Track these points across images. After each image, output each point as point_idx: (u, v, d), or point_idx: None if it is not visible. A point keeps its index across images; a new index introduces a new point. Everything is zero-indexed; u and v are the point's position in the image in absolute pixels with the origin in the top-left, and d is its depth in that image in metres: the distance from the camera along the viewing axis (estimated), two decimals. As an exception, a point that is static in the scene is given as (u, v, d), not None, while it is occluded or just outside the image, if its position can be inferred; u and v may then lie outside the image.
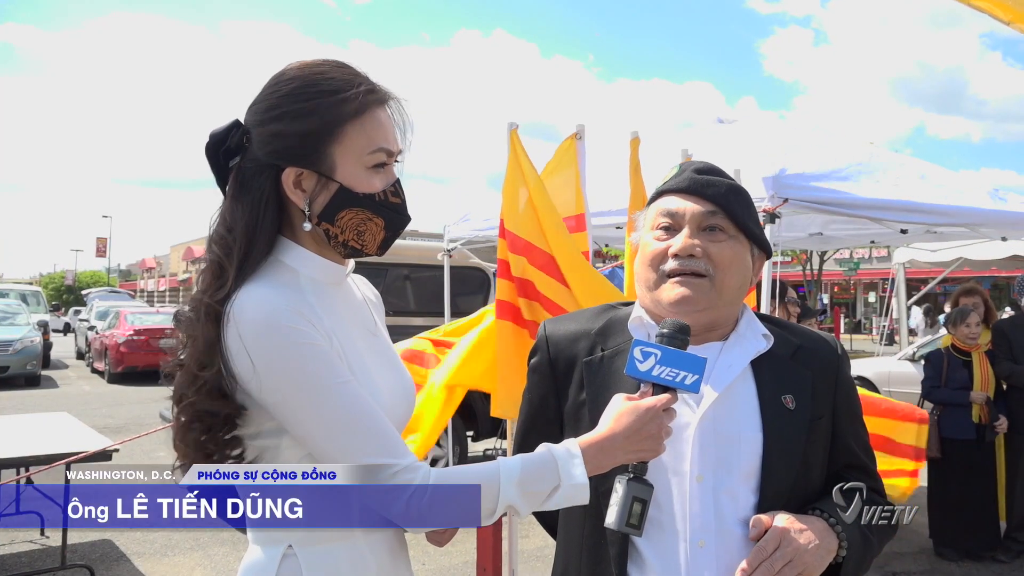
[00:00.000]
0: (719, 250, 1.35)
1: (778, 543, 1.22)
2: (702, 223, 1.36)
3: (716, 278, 1.34)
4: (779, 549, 1.22)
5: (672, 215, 1.37)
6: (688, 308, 1.32)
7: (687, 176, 1.39)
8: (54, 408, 9.61)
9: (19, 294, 22.28)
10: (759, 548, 1.23)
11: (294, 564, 1.20)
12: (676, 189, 1.39)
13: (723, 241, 1.36)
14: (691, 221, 1.36)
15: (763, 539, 1.23)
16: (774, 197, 3.86)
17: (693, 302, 1.33)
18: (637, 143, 3.63)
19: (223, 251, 1.21)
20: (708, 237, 1.35)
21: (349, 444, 1.14)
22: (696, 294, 1.33)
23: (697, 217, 1.36)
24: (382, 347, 1.38)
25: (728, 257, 1.35)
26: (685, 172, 1.41)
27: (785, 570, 1.21)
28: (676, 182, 1.40)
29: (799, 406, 1.35)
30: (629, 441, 1.19)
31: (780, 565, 1.21)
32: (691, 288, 1.33)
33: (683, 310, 1.32)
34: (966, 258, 7.03)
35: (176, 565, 5.00)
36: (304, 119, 1.20)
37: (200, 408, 1.17)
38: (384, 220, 1.27)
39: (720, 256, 1.34)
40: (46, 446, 4.29)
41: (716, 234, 1.36)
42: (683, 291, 1.33)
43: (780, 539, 1.23)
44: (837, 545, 1.27)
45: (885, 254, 20.66)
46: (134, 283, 72.44)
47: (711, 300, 1.34)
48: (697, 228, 1.36)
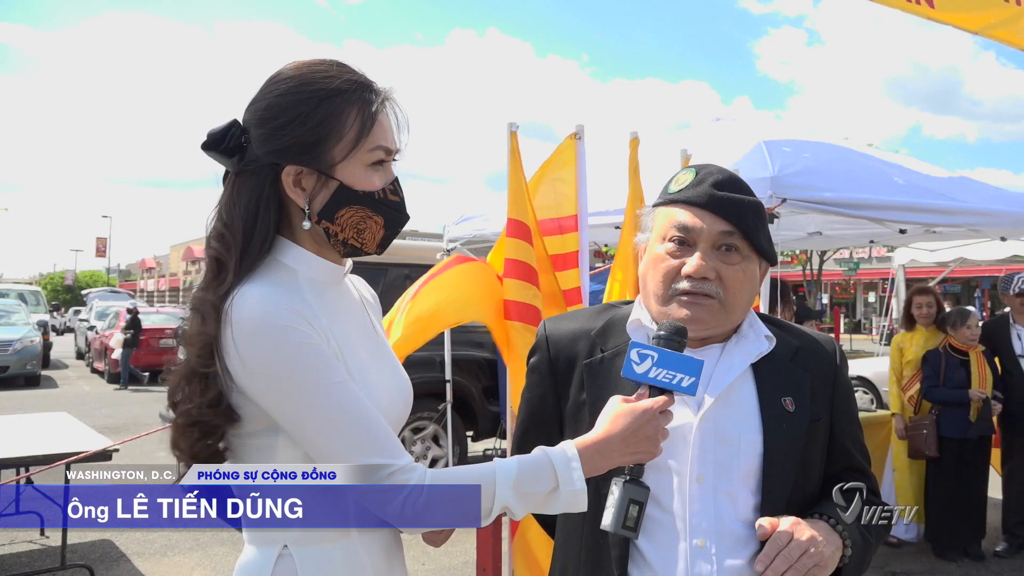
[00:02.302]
0: (732, 273, 1.33)
1: (791, 535, 1.23)
2: (717, 242, 1.34)
3: (726, 300, 1.33)
4: (794, 539, 1.23)
5: (687, 230, 1.34)
6: (696, 327, 1.32)
7: (706, 190, 1.34)
8: (54, 408, 9.59)
9: (19, 294, 22.28)
10: (773, 540, 1.23)
11: (289, 564, 1.19)
12: (693, 202, 1.35)
13: (736, 264, 1.34)
14: (707, 239, 1.33)
15: (775, 534, 1.24)
16: (772, 197, 3.86)
17: (702, 323, 1.33)
18: (636, 143, 3.62)
19: (223, 247, 1.21)
20: (722, 258, 1.33)
21: (346, 444, 1.14)
22: (705, 315, 1.33)
23: (713, 236, 1.33)
24: (379, 347, 1.38)
25: (739, 280, 1.34)
26: (703, 184, 1.35)
27: (804, 559, 1.21)
28: (694, 194, 1.35)
29: (798, 408, 1.35)
30: (626, 443, 1.19)
31: (798, 554, 1.21)
32: (700, 310, 1.32)
33: (691, 328, 1.31)
34: (966, 258, 7.02)
35: (176, 565, 5.00)
36: (303, 118, 1.20)
37: (195, 416, 1.18)
38: (384, 218, 1.27)
39: (732, 280, 1.33)
40: (46, 446, 4.29)
41: (731, 255, 1.34)
42: (692, 313, 1.32)
43: (792, 532, 1.24)
44: (842, 543, 1.27)
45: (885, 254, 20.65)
46: (134, 283, 72.42)
47: (720, 320, 1.35)
48: (712, 246, 1.34)
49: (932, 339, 5.43)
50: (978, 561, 5.12)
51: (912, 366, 5.43)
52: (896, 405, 5.53)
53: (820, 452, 1.38)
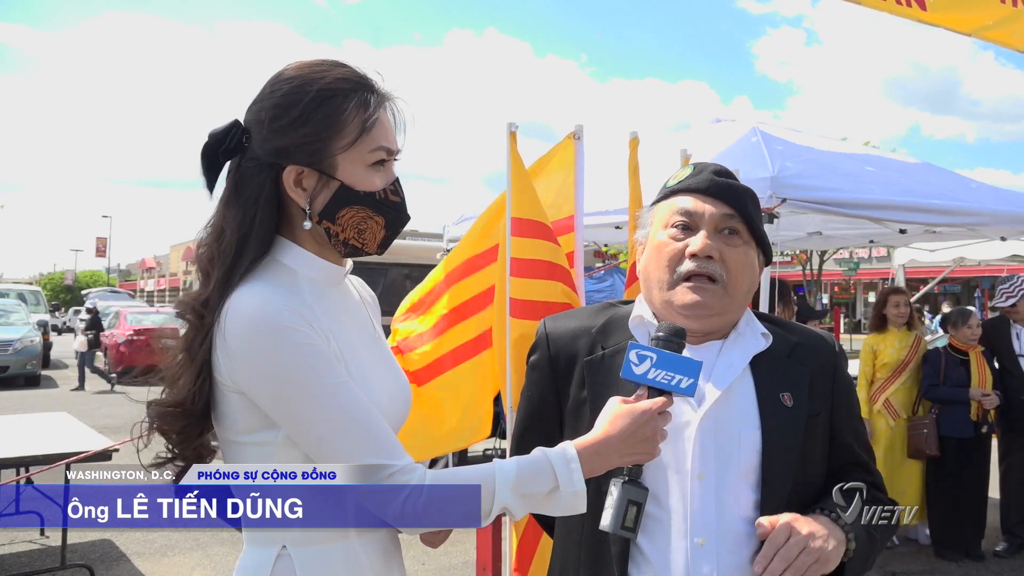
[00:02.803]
0: (734, 255, 1.36)
1: (789, 533, 1.23)
2: (719, 225, 1.37)
3: (728, 283, 1.35)
4: (792, 537, 1.23)
5: (690, 214, 1.38)
6: (701, 312, 1.34)
7: (706, 177, 1.40)
8: (54, 408, 9.60)
9: (19, 294, 22.28)
10: (772, 539, 1.23)
11: (288, 564, 1.20)
12: (695, 189, 1.40)
13: (738, 246, 1.37)
14: (709, 222, 1.37)
15: (774, 531, 1.24)
16: (772, 197, 3.85)
17: (706, 307, 1.34)
18: (636, 143, 3.62)
19: (207, 256, 1.23)
20: (724, 240, 1.36)
21: (346, 444, 1.14)
22: (709, 300, 1.34)
23: (716, 219, 1.37)
24: (379, 349, 1.39)
25: (741, 263, 1.37)
26: (703, 173, 1.41)
27: (803, 556, 1.21)
28: (695, 182, 1.40)
29: (797, 404, 1.36)
30: (625, 444, 1.19)
31: (796, 551, 1.21)
32: (704, 294, 1.34)
33: (695, 314, 1.33)
34: (966, 258, 7.02)
35: (176, 565, 5.00)
36: (304, 118, 1.20)
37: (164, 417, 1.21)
38: (384, 218, 1.27)
39: (734, 261, 1.36)
40: (46, 446, 4.30)
41: (732, 238, 1.37)
42: (697, 297, 1.34)
43: (790, 529, 1.23)
44: (845, 537, 1.27)
45: (885, 254, 20.65)
46: (134, 283, 72.42)
47: (723, 305, 1.36)
48: (714, 230, 1.37)
49: (905, 340, 5.41)
50: (978, 561, 5.13)
51: (888, 368, 5.40)
52: (864, 410, 5.52)
53: (821, 447, 1.39)
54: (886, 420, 5.38)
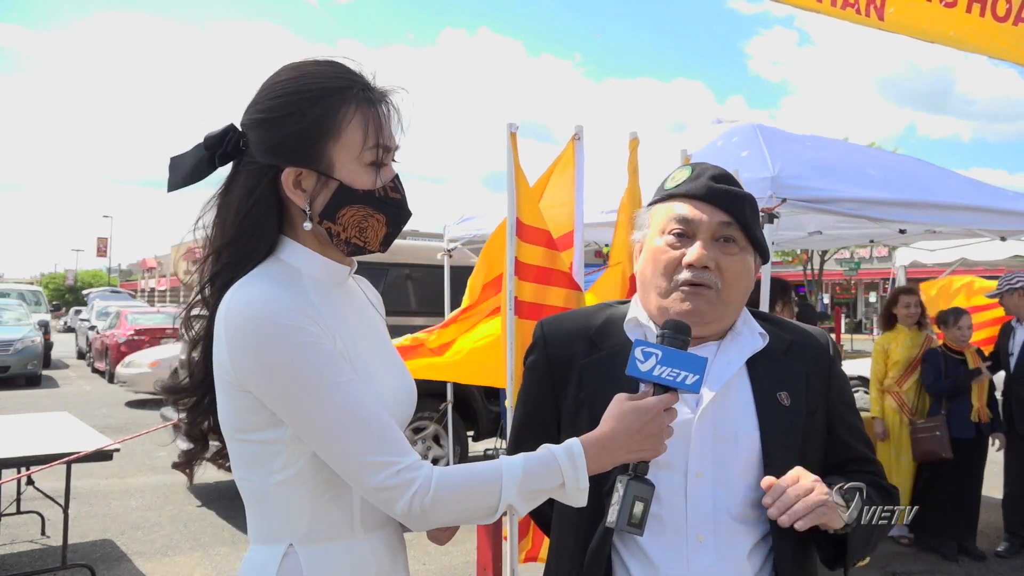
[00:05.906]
0: (730, 264, 1.36)
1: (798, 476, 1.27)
2: (716, 233, 1.37)
3: (724, 292, 1.35)
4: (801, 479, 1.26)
5: (687, 222, 1.37)
6: (696, 320, 1.34)
7: (704, 183, 1.38)
8: (55, 408, 9.61)
9: (19, 294, 22.29)
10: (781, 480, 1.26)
11: (295, 562, 1.20)
12: (692, 195, 1.38)
13: (735, 254, 1.37)
14: (706, 231, 1.36)
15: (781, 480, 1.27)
16: (772, 197, 3.85)
17: (701, 315, 1.35)
18: (636, 144, 3.62)
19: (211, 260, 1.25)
20: (721, 248, 1.36)
21: (353, 442, 1.14)
22: (705, 308, 1.35)
23: (713, 227, 1.36)
24: (384, 348, 1.39)
25: (738, 271, 1.37)
26: (701, 178, 1.40)
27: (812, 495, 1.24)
28: (692, 187, 1.39)
29: (793, 402, 1.36)
30: (631, 440, 1.20)
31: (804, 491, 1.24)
32: (699, 302, 1.34)
33: (691, 321, 1.32)
34: (966, 258, 7.02)
35: (176, 565, 5.00)
36: (301, 119, 1.20)
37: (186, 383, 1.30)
38: (386, 216, 1.27)
39: (731, 270, 1.36)
40: (47, 446, 4.29)
41: (729, 246, 1.37)
42: (691, 305, 1.34)
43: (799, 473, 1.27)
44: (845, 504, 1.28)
45: (885, 254, 20.64)
46: (135, 283, 72.41)
47: (718, 312, 1.36)
48: (711, 238, 1.36)
49: (916, 339, 5.43)
50: (979, 561, 5.13)
51: (899, 367, 5.42)
52: (876, 408, 5.53)
53: (818, 444, 1.40)
54: (899, 417, 5.39)
